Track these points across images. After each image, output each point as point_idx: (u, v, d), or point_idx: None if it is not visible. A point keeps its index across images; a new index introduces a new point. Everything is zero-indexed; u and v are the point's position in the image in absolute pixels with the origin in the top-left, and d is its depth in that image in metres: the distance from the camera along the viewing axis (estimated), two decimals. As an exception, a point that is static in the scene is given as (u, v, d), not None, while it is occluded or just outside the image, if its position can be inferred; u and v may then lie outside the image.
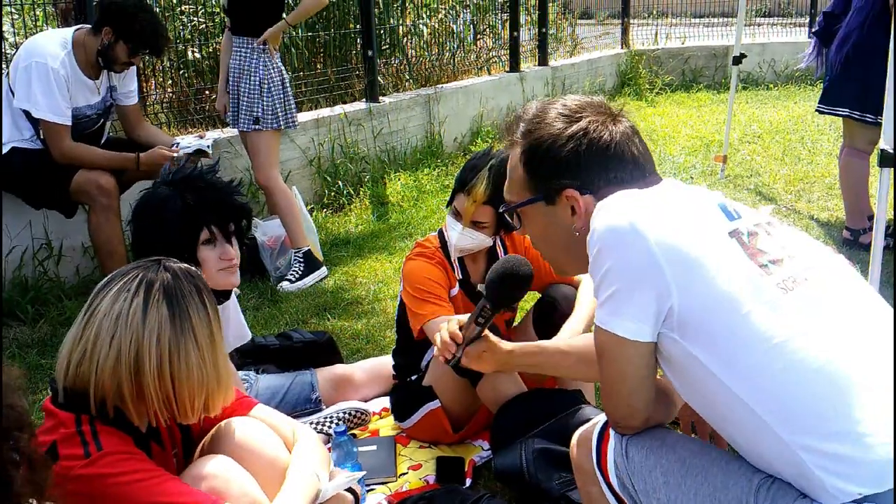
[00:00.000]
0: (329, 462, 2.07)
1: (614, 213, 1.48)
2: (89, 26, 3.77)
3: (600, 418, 1.67)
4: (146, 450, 1.74)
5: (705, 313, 1.40)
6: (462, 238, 2.62)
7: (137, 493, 1.61)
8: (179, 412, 1.70)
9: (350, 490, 2.02)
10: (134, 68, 3.96)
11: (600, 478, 1.61)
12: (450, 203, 2.70)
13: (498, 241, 2.72)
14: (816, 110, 4.56)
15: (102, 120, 3.93)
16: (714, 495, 1.44)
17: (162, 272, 1.71)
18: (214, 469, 1.78)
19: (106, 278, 1.74)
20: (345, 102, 6.19)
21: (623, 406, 1.54)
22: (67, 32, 3.75)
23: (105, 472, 1.61)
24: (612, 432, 1.61)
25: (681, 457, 1.51)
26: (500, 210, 1.77)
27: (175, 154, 3.73)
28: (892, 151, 2.83)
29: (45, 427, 1.68)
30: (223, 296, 2.39)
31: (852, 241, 4.36)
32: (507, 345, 2.07)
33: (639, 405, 1.53)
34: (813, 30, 4.54)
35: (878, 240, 2.89)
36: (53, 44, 3.66)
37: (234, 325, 2.59)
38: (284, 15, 4.24)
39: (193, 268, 1.79)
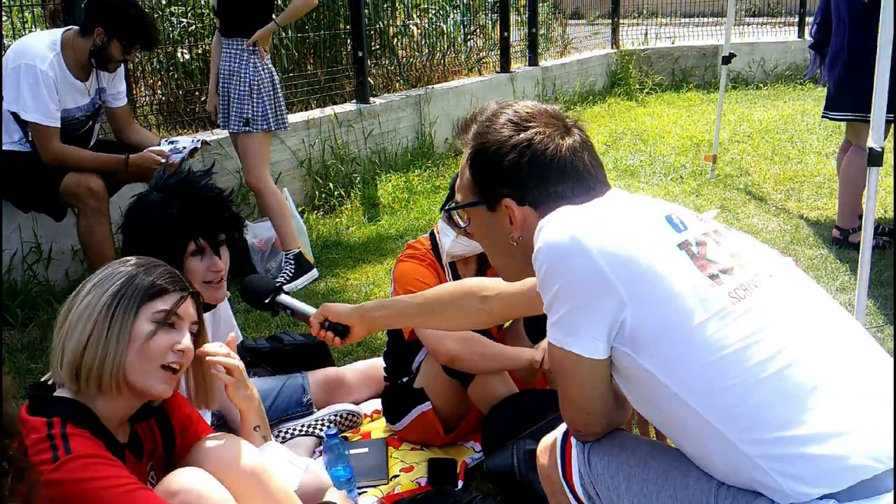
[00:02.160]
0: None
1: (555, 229, 1.46)
2: (77, 27, 3.75)
3: (561, 428, 1.66)
4: (119, 458, 1.70)
5: (657, 326, 1.39)
6: (455, 245, 2.63)
7: (106, 499, 1.58)
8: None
9: None
10: (122, 69, 3.94)
11: (566, 488, 1.61)
12: (443, 208, 2.70)
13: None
14: (823, 117, 4.60)
15: (91, 122, 3.92)
16: (675, 496, 1.45)
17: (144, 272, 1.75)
18: (188, 483, 1.73)
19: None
20: (335, 103, 6.19)
21: (583, 415, 1.54)
22: (56, 34, 3.73)
23: (73, 477, 1.57)
24: (573, 441, 1.61)
25: (641, 460, 1.52)
26: (446, 208, 1.77)
27: (164, 160, 3.71)
28: (879, 149, 2.84)
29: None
30: (207, 307, 2.36)
31: (841, 240, 4.38)
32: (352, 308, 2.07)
33: (599, 414, 1.54)
34: (809, 44, 4.61)
35: (867, 238, 2.90)
36: (42, 45, 3.65)
37: (225, 327, 2.58)
38: (274, 16, 4.23)
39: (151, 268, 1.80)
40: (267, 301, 2.15)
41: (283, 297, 2.15)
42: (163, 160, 3.71)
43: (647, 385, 1.42)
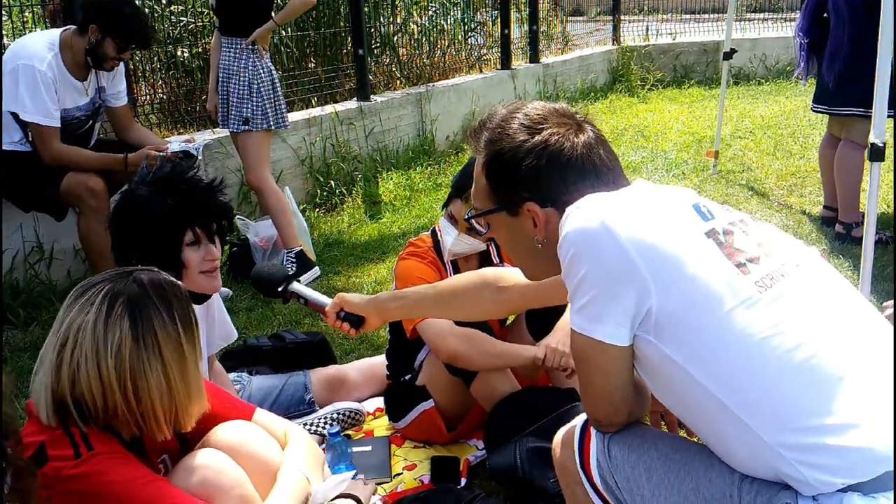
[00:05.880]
0: (323, 463, 2.05)
1: (584, 215, 1.47)
2: (75, 27, 3.75)
3: (580, 419, 1.66)
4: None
5: (683, 314, 1.39)
6: (457, 244, 2.63)
7: (129, 493, 1.60)
8: (146, 426, 1.67)
9: (354, 498, 2.02)
10: (122, 69, 3.94)
11: (584, 478, 1.61)
12: (445, 206, 2.70)
13: (492, 244, 2.71)
14: (813, 110, 4.60)
15: (91, 121, 3.91)
16: (697, 489, 1.44)
17: (130, 284, 1.67)
18: (207, 460, 1.78)
19: (77, 287, 1.71)
20: (336, 102, 6.18)
21: (605, 405, 1.54)
22: (54, 34, 3.73)
23: (97, 471, 1.60)
24: (593, 431, 1.61)
25: (662, 452, 1.51)
26: (466, 217, 1.77)
27: (160, 153, 3.69)
28: (881, 145, 2.83)
29: (32, 429, 1.66)
30: (203, 298, 2.36)
31: (845, 235, 4.37)
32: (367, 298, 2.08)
33: (621, 404, 1.53)
34: (805, 41, 4.56)
35: (869, 233, 2.89)
36: (40, 45, 3.64)
37: (220, 325, 2.57)
38: (273, 14, 4.22)
39: (171, 278, 1.75)
40: (281, 289, 2.14)
41: (297, 286, 2.15)
42: (158, 154, 3.68)
43: (670, 374, 1.42)
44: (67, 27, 3.80)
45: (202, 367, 2.35)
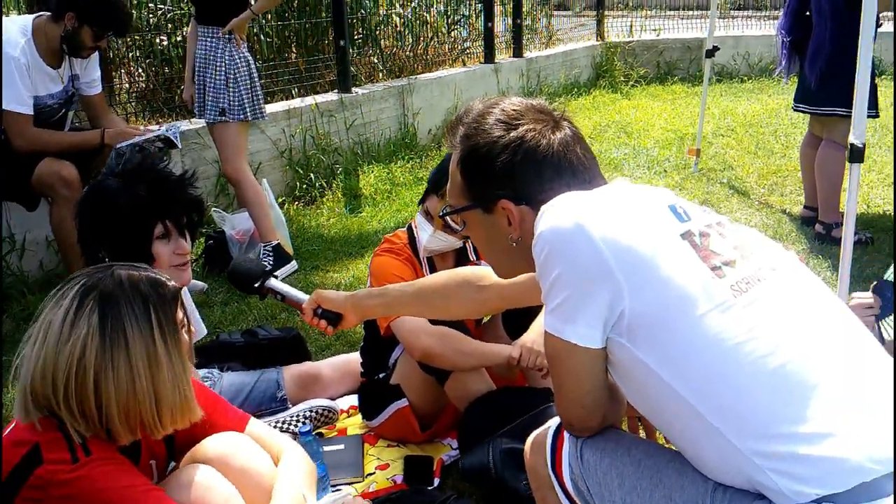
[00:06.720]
0: (315, 479, 2.00)
1: (558, 214, 1.44)
2: (49, 13, 3.68)
3: (554, 422, 1.64)
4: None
5: (656, 317, 1.36)
6: (433, 240, 2.60)
7: (123, 501, 1.57)
8: (108, 431, 1.61)
9: None
10: (97, 56, 3.88)
11: (555, 482, 1.59)
12: (422, 202, 2.66)
13: (468, 242, 2.68)
14: (794, 110, 4.61)
15: (65, 110, 3.85)
16: (670, 496, 1.42)
17: (107, 279, 1.62)
18: (197, 477, 1.74)
19: (63, 281, 1.67)
20: (317, 93, 6.12)
21: (577, 409, 1.51)
22: (26, 19, 3.67)
23: (92, 477, 1.55)
24: (566, 435, 1.58)
25: (635, 458, 1.49)
26: (441, 214, 1.74)
27: (143, 135, 3.63)
28: (861, 146, 2.82)
29: (22, 426, 1.60)
30: None
31: (824, 235, 4.37)
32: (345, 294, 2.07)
33: (594, 407, 1.50)
34: (788, 39, 4.55)
35: (848, 234, 2.88)
36: (13, 31, 3.58)
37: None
38: (252, 3, 4.15)
39: (159, 277, 1.69)
40: (257, 285, 2.11)
41: (274, 282, 2.13)
42: (138, 136, 3.62)
43: (643, 378, 1.40)
44: (41, 13, 3.73)
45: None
